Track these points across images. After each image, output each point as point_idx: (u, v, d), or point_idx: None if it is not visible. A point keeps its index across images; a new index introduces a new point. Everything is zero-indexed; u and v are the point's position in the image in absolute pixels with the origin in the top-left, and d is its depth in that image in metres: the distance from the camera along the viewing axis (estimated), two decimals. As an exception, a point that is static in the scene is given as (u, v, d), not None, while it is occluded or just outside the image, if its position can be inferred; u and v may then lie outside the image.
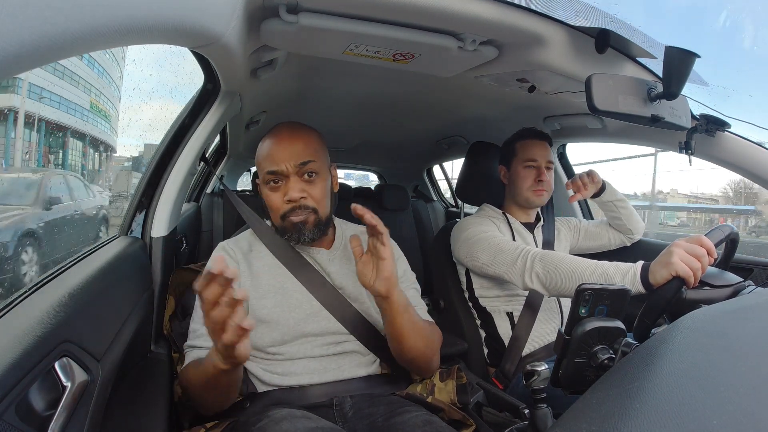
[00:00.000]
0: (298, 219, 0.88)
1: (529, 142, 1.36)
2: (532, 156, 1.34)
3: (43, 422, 0.50)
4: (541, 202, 1.36)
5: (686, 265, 0.83)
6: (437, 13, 0.77)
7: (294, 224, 0.89)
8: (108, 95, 11.59)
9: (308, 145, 0.89)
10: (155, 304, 1.01)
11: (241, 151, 2.33)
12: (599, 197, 1.39)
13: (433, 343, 0.91)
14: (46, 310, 0.56)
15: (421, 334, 0.87)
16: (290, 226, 0.89)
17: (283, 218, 0.90)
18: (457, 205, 2.81)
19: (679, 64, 0.78)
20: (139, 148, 20.43)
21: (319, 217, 0.90)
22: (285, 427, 0.72)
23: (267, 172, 0.88)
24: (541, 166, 1.33)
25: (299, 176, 0.88)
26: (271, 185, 0.89)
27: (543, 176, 1.33)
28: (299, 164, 0.87)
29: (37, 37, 0.29)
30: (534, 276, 1.07)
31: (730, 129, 1.05)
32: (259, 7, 0.76)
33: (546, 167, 1.34)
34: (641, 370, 0.40)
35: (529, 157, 1.34)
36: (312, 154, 0.89)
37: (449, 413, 0.88)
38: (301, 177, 0.88)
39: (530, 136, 1.37)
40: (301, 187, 0.88)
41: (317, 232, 0.91)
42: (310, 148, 0.89)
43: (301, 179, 0.88)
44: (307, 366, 0.89)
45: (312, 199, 0.89)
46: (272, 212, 0.92)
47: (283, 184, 0.89)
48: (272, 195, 0.90)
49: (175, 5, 0.48)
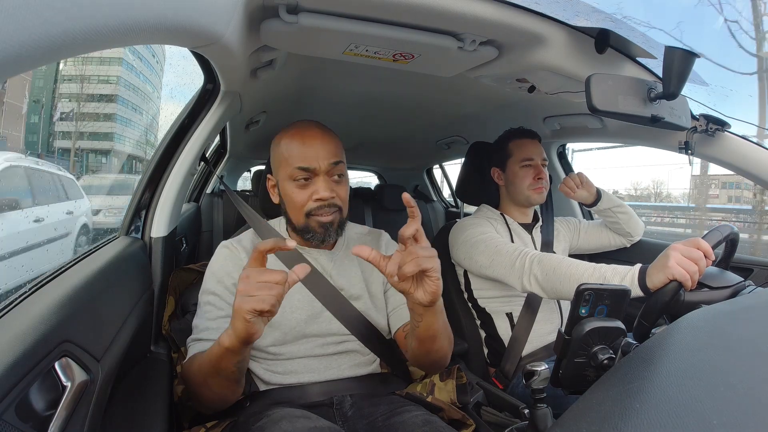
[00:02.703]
0: (327, 219, 0.87)
1: (523, 141, 1.36)
2: (529, 155, 1.34)
3: (43, 422, 0.50)
4: (542, 199, 1.36)
5: (683, 269, 0.83)
6: (437, 13, 0.77)
7: (322, 224, 0.88)
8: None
9: (338, 146, 0.90)
10: (155, 304, 1.01)
11: (241, 151, 2.33)
12: (596, 206, 1.39)
13: (452, 340, 0.90)
14: (46, 310, 0.56)
15: (448, 332, 0.86)
16: (317, 225, 0.88)
17: (308, 215, 0.88)
18: (457, 205, 2.81)
19: (679, 64, 0.78)
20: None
21: (343, 218, 0.91)
22: (284, 426, 0.72)
23: (298, 167, 0.86)
24: (538, 164, 1.34)
25: (329, 176, 0.88)
26: (300, 182, 0.87)
27: (542, 174, 1.33)
28: (332, 163, 0.87)
29: (37, 37, 0.29)
30: (532, 278, 1.07)
31: (730, 129, 1.05)
32: (259, 7, 0.76)
33: (542, 164, 1.35)
34: (641, 370, 0.40)
35: (526, 156, 1.34)
36: (342, 155, 0.90)
37: (449, 413, 0.88)
38: (331, 177, 0.88)
39: (523, 135, 1.38)
40: (331, 186, 0.87)
41: (340, 232, 0.91)
42: (340, 149, 0.90)
43: (331, 179, 0.88)
44: (308, 365, 0.89)
45: (339, 199, 0.89)
46: (294, 209, 0.89)
47: (311, 182, 0.87)
48: (298, 192, 0.87)
49: (175, 5, 0.48)
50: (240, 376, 0.77)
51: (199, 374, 0.77)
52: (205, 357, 0.76)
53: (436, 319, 0.78)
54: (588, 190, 1.37)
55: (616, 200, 1.39)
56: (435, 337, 0.81)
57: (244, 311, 0.63)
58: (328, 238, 0.89)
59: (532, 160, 1.34)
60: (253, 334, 0.65)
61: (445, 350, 0.87)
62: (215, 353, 0.71)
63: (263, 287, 0.63)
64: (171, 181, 1.06)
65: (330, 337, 0.91)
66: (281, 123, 0.93)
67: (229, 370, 0.73)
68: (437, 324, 0.79)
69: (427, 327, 0.78)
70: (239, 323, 0.64)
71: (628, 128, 1.30)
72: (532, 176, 1.33)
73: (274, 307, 0.64)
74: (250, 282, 0.64)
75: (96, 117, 21.14)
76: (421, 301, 0.71)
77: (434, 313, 0.76)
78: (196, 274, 1.15)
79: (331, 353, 0.91)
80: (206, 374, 0.75)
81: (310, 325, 0.89)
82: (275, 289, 0.64)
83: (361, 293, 0.95)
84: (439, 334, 0.81)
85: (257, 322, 0.64)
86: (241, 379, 0.78)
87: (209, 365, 0.74)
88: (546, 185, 1.35)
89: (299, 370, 0.88)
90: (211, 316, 0.86)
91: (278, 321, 0.88)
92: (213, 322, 0.85)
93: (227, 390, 0.78)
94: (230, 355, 0.70)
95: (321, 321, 0.90)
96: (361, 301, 0.94)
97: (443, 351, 0.86)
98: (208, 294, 0.88)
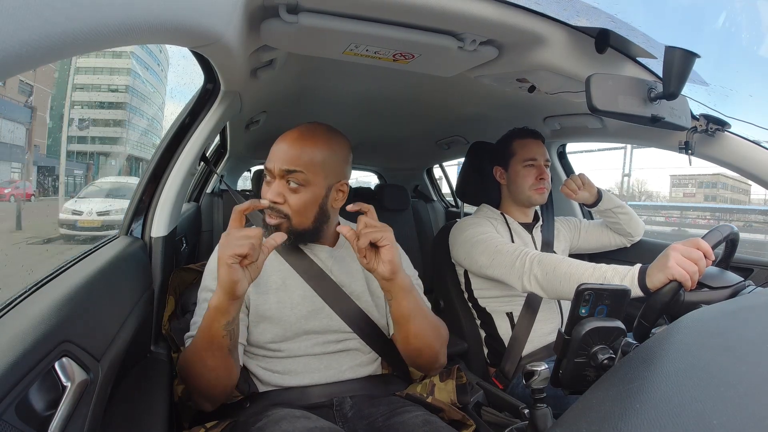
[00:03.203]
0: (272, 222, 0.85)
1: (527, 141, 1.36)
2: (532, 155, 1.34)
3: (43, 422, 0.50)
4: (543, 200, 1.36)
5: (683, 269, 0.83)
6: (437, 13, 0.77)
7: (266, 224, 0.87)
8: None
9: (306, 154, 0.84)
10: (155, 304, 1.01)
11: (241, 151, 2.33)
12: (597, 206, 1.39)
13: (440, 334, 0.91)
14: (46, 310, 0.56)
15: (429, 319, 0.88)
16: (265, 225, 0.87)
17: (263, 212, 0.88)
18: (457, 205, 2.81)
19: (679, 64, 0.78)
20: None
21: (293, 227, 0.86)
22: (284, 427, 0.72)
23: (265, 166, 0.88)
24: (541, 165, 1.34)
25: (283, 180, 0.85)
26: (266, 179, 0.88)
27: (544, 174, 1.34)
28: (284, 170, 0.84)
29: (37, 37, 0.29)
30: (532, 278, 1.07)
31: (730, 129, 1.05)
32: (259, 7, 0.76)
33: (545, 165, 1.35)
34: (641, 370, 0.40)
35: (529, 156, 1.34)
36: (304, 165, 0.83)
37: (449, 413, 0.88)
38: (287, 182, 0.85)
39: (527, 135, 1.38)
40: (280, 191, 0.84)
41: (293, 239, 0.87)
42: (305, 158, 0.84)
43: (286, 185, 0.85)
44: (308, 364, 0.89)
45: (288, 206, 0.85)
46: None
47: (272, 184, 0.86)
48: (263, 189, 0.88)
49: (175, 5, 0.48)
50: (232, 348, 0.77)
51: (193, 354, 0.79)
52: (197, 333, 0.78)
53: (405, 296, 0.82)
54: (589, 190, 1.37)
55: (617, 201, 1.39)
56: (408, 318, 0.83)
57: (226, 257, 0.70)
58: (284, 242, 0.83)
59: (535, 160, 1.34)
60: (236, 282, 0.70)
61: (428, 338, 0.87)
62: (205, 319, 0.76)
63: (241, 238, 0.71)
64: (171, 181, 1.06)
65: (331, 335, 0.91)
66: (281, 123, 0.94)
67: (219, 334, 0.74)
68: (407, 302, 0.82)
69: (398, 306, 0.82)
70: (222, 270, 0.71)
71: (628, 128, 1.30)
72: (535, 176, 1.33)
73: (252, 250, 0.71)
74: (230, 237, 0.72)
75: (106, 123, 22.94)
76: (383, 273, 0.78)
77: (401, 289, 0.81)
78: (196, 274, 1.15)
79: (332, 351, 0.91)
80: (199, 349, 0.77)
81: (311, 322, 0.89)
82: (252, 239, 0.72)
83: (362, 291, 0.95)
84: (413, 315, 0.83)
85: (238, 269, 0.71)
86: (233, 352, 0.78)
87: (200, 338, 0.76)
88: (548, 186, 1.35)
89: (299, 369, 0.88)
90: None
91: (279, 316, 0.88)
92: None
93: (221, 365, 0.77)
94: (219, 315, 0.73)
95: (322, 317, 0.90)
96: (363, 299, 0.94)
97: (425, 338, 0.86)
98: (206, 291, 0.89)
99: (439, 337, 0.90)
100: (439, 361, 0.92)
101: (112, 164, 19.48)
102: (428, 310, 0.91)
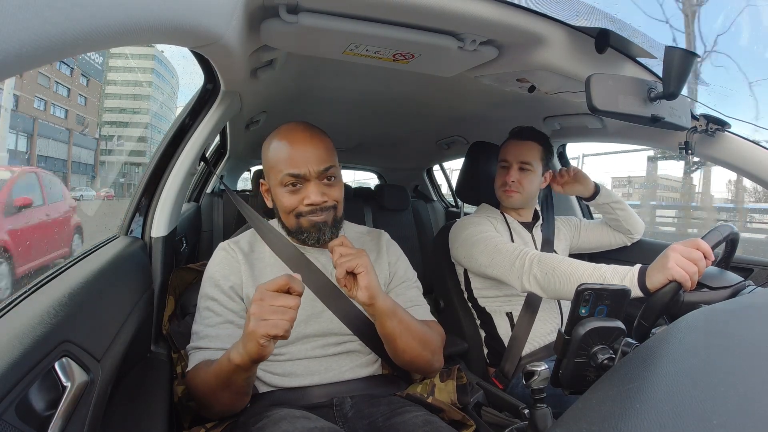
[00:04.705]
0: (319, 218, 0.87)
1: (509, 141, 1.37)
2: (505, 156, 1.35)
3: (43, 422, 0.50)
4: (511, 203, 1.35)
5: (682, 270, 0.83)
6: (437, 13, 0.77)
7: (314, 223, 0.88)
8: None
9: (328, 150, 0.88)
10: (155, 304, 1.01)
11: (241, 151, 2.33)
12: (594, 200, 1.39)
13: (431, 344, 0.91)
14: (46, 310, 0.56)
15: (416, 335, 0.87)
16: (309, 225, 0.88)
17: (298, 216, 0.88)
18: (457, 205, 2.81)
19: (679, 64, 0.78)
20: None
21: (338, 216, 0.91)
22: (284, 427, 0.72)
23: (288, 174, 0.85)
24: (510, 167, 1.33)
25: (320, 180, 0.87)
26: (290, 188, 0.87)
27: (507, 177, 1.32)
28: (322, 170, 0.86)
29: (37, 37, 0.29)
30: (532, 278, 1.07)
31: (730, 129, 1.05)
32: (259, 7, 0.76)
33: (520, 167, 1.32)
34: (641, 370, 0.40)
35: (502, 157, 1.36)
36: (332, 159, 0.88)
37: (449, 414, 0.88)
38: (321, 181, 0.87)
39: (512, 135, 1.38)
40: (321, 191, 0.87)
41: (335, 230, 0.90)
42: (330, 153, 0.88)
43: (322, 183, 0.87)
44: (308, 367, 0.89)
45: (332, 200, 0.89)
46: (284, 212, 0.90)
47: (302, 187, 0.87)
48: (289, 197, 0.87)
49: (175, 5, 0.48)
50: (249, 389, 0.78)
51: (206, 387, 0.78)
52: (212, 371, 0.76)
53: (388, 318, 0.82)
54: (584, 184, 1.37)
55: (614, 196, 1.40)
56: (394, 338, 0.84)
57: (259, 335, 0.64)
58: (324, 237, 0.89)
59: (506, 161, 1.34)
60: (265, 356, 0.67)
61: (416, 351, 0.87)
62: (225, 369, 0.72)
63: (277, 311, 0.65)
64: (171, 181, 1.06)
65: (331, 337, 0.91)
66: (281, 123, 0.93)
67: (238, 384, 0.74)
68: (391, 324, 0.83)
69: (382, 327, 0.83)
70: (252, 346, 0.66)
71: (628, 128, 1.30)
72: (503, 178, 1.34)
73: (287, 332, 0.65)
74: (264, 305, 0.65)
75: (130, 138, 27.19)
76: (362, 300, 0.79)
77: (383, 312, 0.81)
78: (195, 274, 1.15)
79: (332, 354, 0.91)
80: (215, 388, 0.76)
81: (311, 325, 0.89)
82: (289, 314, 0.65)
83: None
84: (397, 334, 0.84)
85: (270, 344, 0.66)
86: (249, 390, 0.79)
87: (218, 380, 0.74)
88: (519, 188, 1.32)
89: (299, 372, 0.88)
90: (210, 323, 0.86)
91: None
92: (212, 329, 0.85)
93: (237, 401, 0.79)
94: (240, 372, 0.71)
95: (322, 320, 0.90)
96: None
97: (413, 352, 0.87)
98: (206, 299, 0.89)
99: (429, 346, 0.90)
100: (433, 366, 0.93)
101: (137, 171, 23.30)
102: (416, 324, 0.89)
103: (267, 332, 0.64)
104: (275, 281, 0.66)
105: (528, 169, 1.32)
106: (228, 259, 0.92)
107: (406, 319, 0.86)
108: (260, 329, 0.64)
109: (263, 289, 0.66)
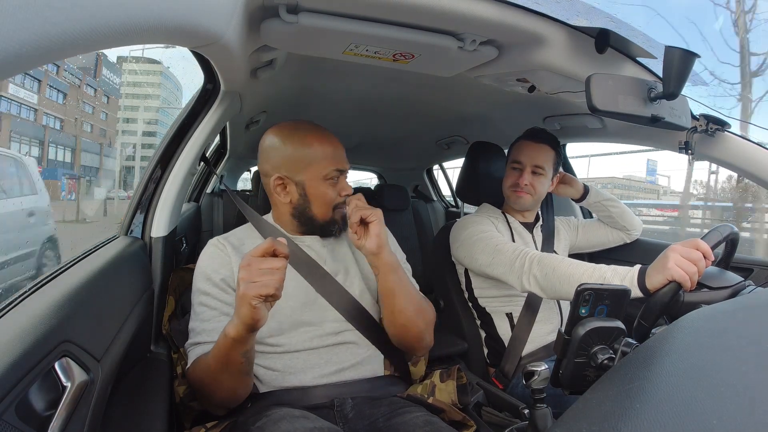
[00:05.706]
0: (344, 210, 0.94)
1: (522, 143, 1.35)
2: (518, 157, 1.33)
3: (43, 422, 0.50)
4: (521, 204, 1.34)
5: (682, 270, 0.83)
6: (437, 13, 0.77)
7: (343, 216, 0.95)
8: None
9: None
10: (155, 304, 1.01)
11: (241, 151, 2.33)
12: (584, 200, 1.41)
13: (425, 313, 0.94)
14: (46, 310, 0.56)
15: (412, 298, 0.92)
16: (340, 218, 0.96)
17: (334, 209, 0.95)
18: (457, 205, 2.81)
19: (679, 64, 0.78)
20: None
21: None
22: (284, 427, 0.72)
23: (336, 169, 0.93)
24: (524, 169, 1.31)
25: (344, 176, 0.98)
26: (332, 181, 0.94)
27: (520, 179, 1.31)
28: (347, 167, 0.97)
29: (37, 37, 0.29)
30: (532, 278, 1.07)
31: (730, 129, 1.05)
32: (259, 7, 0.76)
33: (533, 171, 1.31)
34: (641, 370, 0.40)
35: (515, 158, 1.34)
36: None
37: (450, 414, 0.88)
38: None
39: (526, 137, 1.36)
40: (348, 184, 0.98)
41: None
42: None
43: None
44: (307, 360, 0.89)
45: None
46: (324, 205, 0.95)
47: (337, 181, 0.95)
48: (331, 190, 0.94)
49: (175, 5, 0.48)
50: (249, 368, 0.78)
51: (206, 374, 0.78)
52: (210, 355, 0.76)
53: (391, 272, 0.88)
54: (573, 186, 1.40)
55: (604, 194, 1.41)
56: (393, 293, 0.89)
57: (250, 297, 0.66)
58: (344, 228, 0.95)
59: (520, 163, 1.32)
60: (258, 320, 0.68)
61: (411, 314, 0.90)
62: (222, 346, 0.73)
63: (266, 273, 0.67)
64: (171, 181, 1.06)
65: (328, 325, 0.91)
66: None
67: (237, 361, 0.74)
68: (393, 278, 0.88)
69: (384, 280, 0.88)
70: (245, 309, 0.67)
71: (628, 128, 1.30)
72: (514, 179, 1.33)
73: (278, 290, 0.68)
74: (251, 269, 0.67)
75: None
76: (370, 248, 0.85)
77: (387, 264, 0.87)
78: None
79: (330, 345, 0.91)
80: (215, 371, 0.76)
81: (305, 313, 0.90)
82: (277, 274, 0.67)
83: (355, 276, 0.98)
84: (397, 291, 0.89)
85: (262, 307, 0.68)
86: (250, 371, 0.79)
87: (217, 361, 0.75)
88: (530, 191, 1.32)
89: (298, 366, 0.88)
90: (205, 317, 0.86)
91: (273, 310, 0.88)
92: (208, 324, 0.85)
93: (238, 384, 0.79)
94: (237, 345, 0.71)
95: (316, 308, 0.92)
96: (355, 285, 0.97)
97: (408, 314, 0.90)
98: (199, 294, 0.89)
99: (424, 315, 0.93)
100: (424, 339, 0.95)
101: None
102: (415, 290, 0.95)
103: (258, 292, 0.66)
104: (260, 246, 0.68)
105: (540, 173, 1.32)
106: (217, 253, 0.93)
107: (405, 279, 0.92)
108: (250, 291, 0.66)
109: (249, 255, 0.68)
